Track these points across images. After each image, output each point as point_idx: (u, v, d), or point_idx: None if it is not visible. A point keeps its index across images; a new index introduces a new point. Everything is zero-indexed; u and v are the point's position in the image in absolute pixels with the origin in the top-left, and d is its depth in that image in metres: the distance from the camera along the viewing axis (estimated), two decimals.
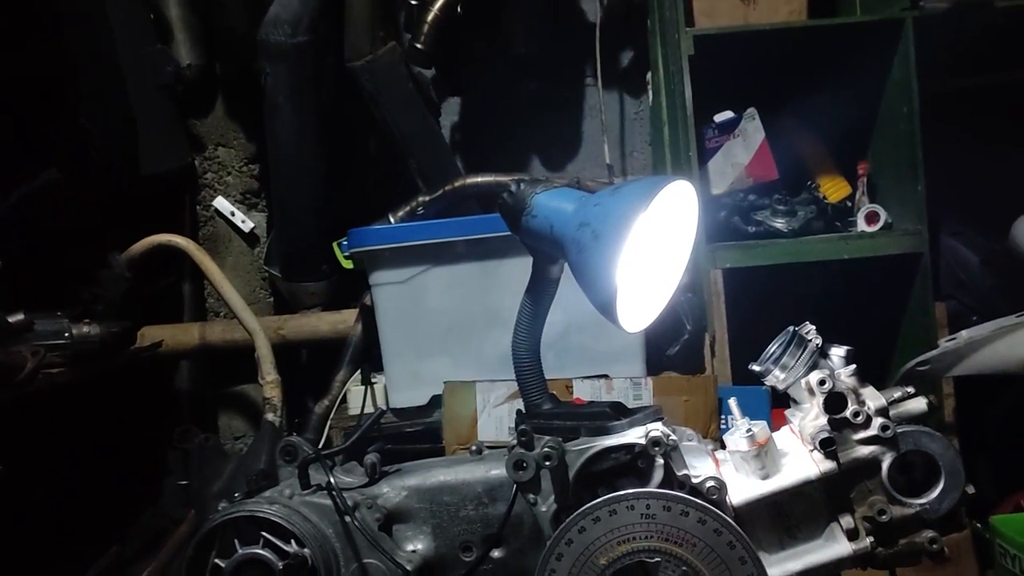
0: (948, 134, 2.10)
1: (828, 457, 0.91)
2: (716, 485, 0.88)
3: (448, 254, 1.74)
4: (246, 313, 1.87)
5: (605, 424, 0.95)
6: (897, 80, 1.96)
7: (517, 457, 0.91)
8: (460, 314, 1.75)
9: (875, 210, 2.03)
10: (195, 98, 2.19)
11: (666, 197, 0.89)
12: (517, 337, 1.02)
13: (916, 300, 2.00)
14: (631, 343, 1.75)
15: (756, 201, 2.08)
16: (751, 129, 2.07)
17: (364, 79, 2.04)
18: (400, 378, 1.77)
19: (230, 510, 1.07)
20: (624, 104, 2.46)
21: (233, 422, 2.20)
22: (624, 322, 0.91)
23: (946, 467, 0.91)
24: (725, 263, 1.94)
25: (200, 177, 2.22)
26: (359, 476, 1.14)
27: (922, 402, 0.95)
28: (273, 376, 1.84)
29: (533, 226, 0.94)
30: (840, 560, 0.91)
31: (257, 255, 2.22)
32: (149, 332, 2.07)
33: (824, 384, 0.93)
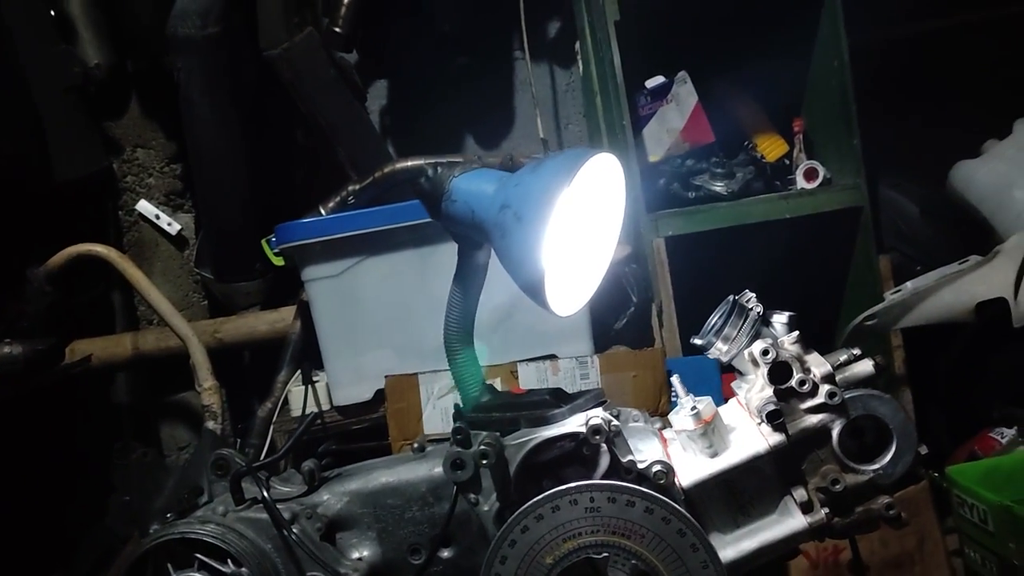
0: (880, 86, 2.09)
1: (776, 430, 0.88)
2: (663, 469, 0.84)
3: (382, 243, 1.68)
4: (177, 319, 1.79)
5: (545, 413, 0.91)
6: (825, 34, 1.94)
7: (454, 456, 0.87)
8: (399, 304, 1.69)
9: (813, 166, 2.01)
10: (107, 98, 2.10)
11: (589, 171, 0.85)
12: (448, 329, 0.97)
13: (860, 254, 1.99)
14: (577, 321, 1.71)
15: (694, 166, 2.05)
16: (684, 93, 2.03)
17: (282, 68, 1.96)
18: (342, 375, 1.71)
19: (160, 533, 1.02)
20: (555, 76, 2.40)
21: (176, 432, 2.13)
22: (555, 305, 0.87)
23: (897, 430, 0.89)
24: (667, 231, 1.91)
25: (120, 181, 2.13)
26: (298, 484, 1.09)
27: (868, 364, 0.92)
28: (211, 382, 1.77)
29: (454, 211, 0.89)
30: (796, 534, 0.88)
31: (187, 257, 2.13)
32: (79, 346, 1.98)
33: (767, 354, 0.89)
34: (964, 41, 2.29)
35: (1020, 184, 2.05)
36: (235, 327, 2.02)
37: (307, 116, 2.03)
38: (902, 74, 2.26)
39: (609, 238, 0.94)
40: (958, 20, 2.27)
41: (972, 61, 2.30)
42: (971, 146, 2.13)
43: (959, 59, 2.29)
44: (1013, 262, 1.80)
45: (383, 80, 2.39)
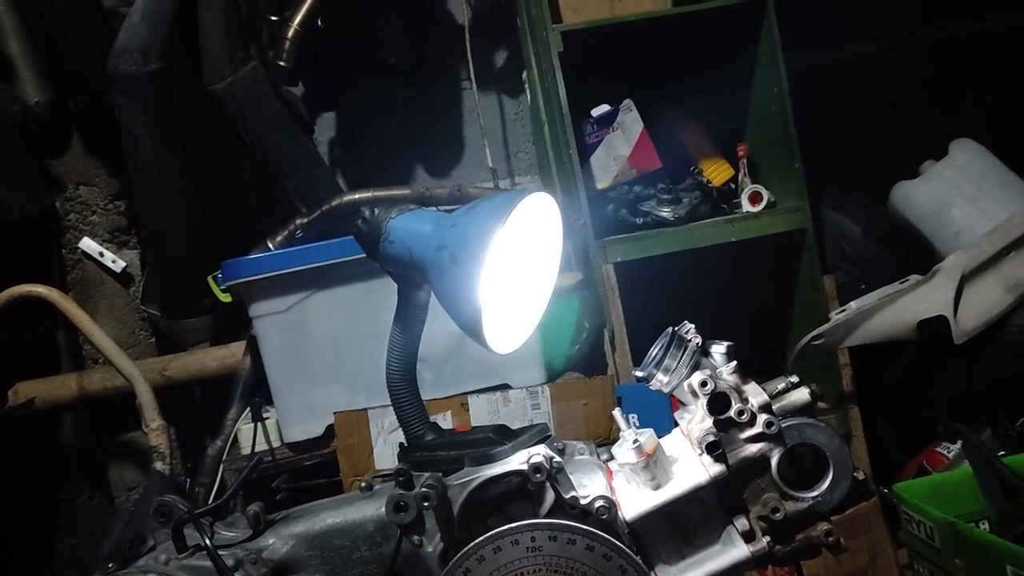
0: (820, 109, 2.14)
1: (717, 460, 0.89)
2: (605, 504, 0.84)
3: (330, 277, 1.67)
4: (122, 359, 1.76)
5: (488, 451, 0.90)
6: (764, 61, 1.98)
7: (396, 499, 0.86)
8: (348, 338, 1.69)
9: (757, 190, 2.05)
10: (49, 136, 2.07)
11: (524, 211, 0.85)
12: (391, 368, 0.97)
13: (805, 275, 2.02)
14: (528, 349, 1.70)
15: (642, 192, 2.08)
16: (629, 121, 2.06)
17: (227, 102, 1.95)
18: (292, 411, 1.69)
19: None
20: (503, 105, 2.42)
21: (125, 472, 2.09)
22: (494, 343, 0.87)
23: (833, 457, 0.90)
24: (616, 257, 1.93)
25: (63, 219, 2.10)
26: (243, 529, 1.07)
27: (804, 392, 0.93)
28: (158, 423, 1.74)
29: (391, 252, 0.89)
30: (739, 563, 0.89)
31: (133, 295, 2.10)
32: (23, 388, 1.94)
33: (706, 385, 0.90)
34: (901, 64, 2.36)
35: (957, 203, 2.11)
36: (184, 364, 1.99)
37: (252, 150, 2.02)
38: (841, 97, 2.32)
39: (547, 276, 0.94)
40: (894, 44, 2.33)
41: (908, 84, 2.37)
42: (910, 166, 2.18)
43: (896, 82, 2.36)
44: (951, 281, 1.85)
45: (330, 112, 2.38)
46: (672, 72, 2.13)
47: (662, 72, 2.12)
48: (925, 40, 2.32)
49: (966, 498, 1.55)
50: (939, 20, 2.25)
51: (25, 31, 1.96)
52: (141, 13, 1.85)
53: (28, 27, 1.96)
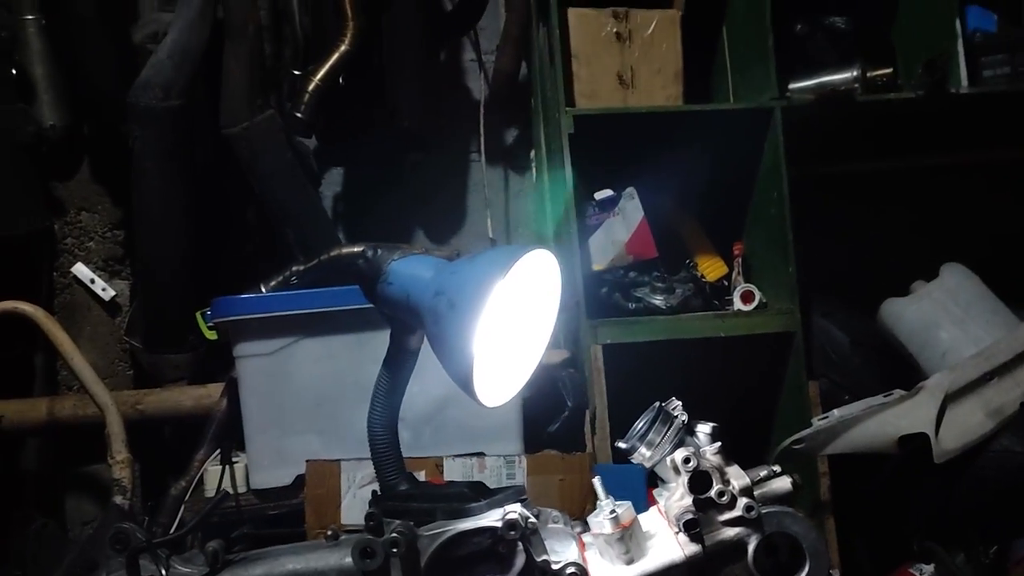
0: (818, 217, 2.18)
1: (693, 539, 0.88)
2: (577, 572, 0.83)
3: (318, 325, 1.67)
4: (98, 387, 1.74)
5: (462, 506, 0.89)
6: (768, 166, 2.03)
7: (363, 544, 0.84)
8: (330, 388, 1.67)
9: (750, 290, 2.07)
10: (59, 159, 2.08)
11: (526, 266, 0.86)
12: (373, 412, 0.96)
13: (791, 378, 2.03)
14: (509, 420, 1.70)
15: (636, 278, 2.10)
16: (630, 208, 2.09)
17: (240, 147, 1.98)
18: (263, 456, 1.67)
19: None
20: (509, 180, 2.46)
21: (82, 505, 2.03)
22: (483, 396, 0.87)
23: (810, 550, 0.89)
24: (606, 339, 1.93)
25: (60, 242, 2.09)
26: (200, 566, 1.04)
27: (786, 481, 0.93)
28: (124, 455, 1.71)
29: (389, 294, 0.90)
30: None
31: (118, 325, 2.09)
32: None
33: (689, 463, 0.90)
34: (901, 184, 2.41)
35: (945, 325, 2.13)
36: (159, 399, 1.96)
37: (259, 195, 2.04)
38: (840, 208, 2.37)
39: (542, 334, 0.95)
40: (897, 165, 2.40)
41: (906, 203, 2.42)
42: (900, 283, 2.21)
43: (894, 200, 2.41)
44: (935, 400, 1.86)
45: (339, 168, 2.42)
46: (677, 166, 2.18)
47: (667, 165, 2.16)
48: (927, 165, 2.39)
49: None
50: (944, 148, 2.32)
51: (51, 55, 1.99)
52: (168, 51, 1.89)
53: (54, 52, 1.99)
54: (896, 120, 2.18)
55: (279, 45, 2.20)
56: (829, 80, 2.03)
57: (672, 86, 2.05)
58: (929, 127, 2.22)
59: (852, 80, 2.01)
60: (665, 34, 2.04)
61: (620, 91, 2.05)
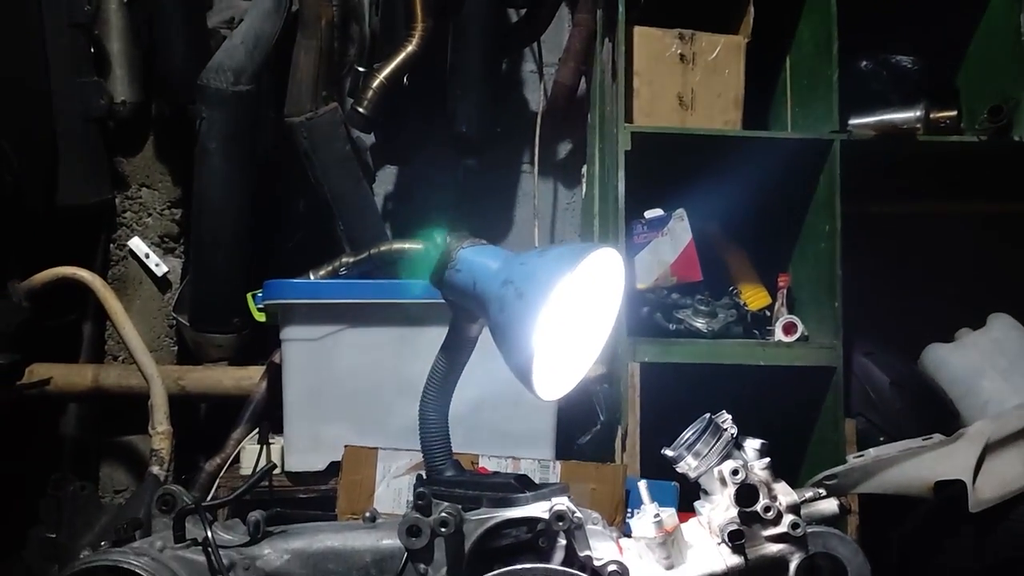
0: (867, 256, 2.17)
1: (736, 552, 0.88)
2: (618, 570, 0.83)
3: (366, 316, 1.68)
4: (145, 357, 1.77)
5: (509, 496, 0.90)
6: (821, 199, 2.02)
7: (411, 522, 0.85)
8: (371, 379, 1.69)
9: (793, 321, 2.06)
10: (126, 135, 2.13)
11: (593, 264, 0.87)
12: (426, 396, 0.97)
13: (827, 414, 2.01)
14: (542, 426, 1.71)
15: (679, 300, 2.10)
16: (679, 229, 2.10)
17: (301, 135, 2.02)
18: (299, 440, 1.68)
19: (91, 558, 0.98)
20: (558, 193, 2.48)
21: (116, 474, 2.06)
22: (539, 388, 0.88)
23: (854, 573, 0.88)
24: (644, 357, 1.93)
25: (119, 216, 2.14)
26: (240, 535, 1.06)
27: (834, 504, 0.93)
28: (165, 427, 1.74)
29: (456, 281, 0.91)
30: None
31: (167, 301, 2.12)
32: (39, 369, 1.94)
33: (737, 474, 0.90)
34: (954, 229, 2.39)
35: (989, 375, 2.11)
36: (200, 377, 1.99)
37: (315, 185, 2.08)
38: (889, 248, 2.35)
39: (600, 333, 0.96)
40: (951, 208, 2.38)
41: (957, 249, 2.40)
42: (945, 330, 2.20)
43: (945, 245, 2.39)
44: (975, 447, 1.83)
45: (393, 167, 2.45)
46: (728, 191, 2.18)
47: (718, 189, 2.17)
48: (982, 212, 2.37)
49: None
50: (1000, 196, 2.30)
51: (129, 33, 2.04)
52: (243, 37, 1.94)
53: (132, 30, 2.05)
54: (955, 164, 2.17)
55: (346, 42, 2.24)
56: (891, 118, 2.03)
57: (732, 111, 2.06)
58: (987, 174, 2.21)
59: (915, 120, 2.00)
60: (729, 59, 2.05)
61: (679, 112, 2.06)
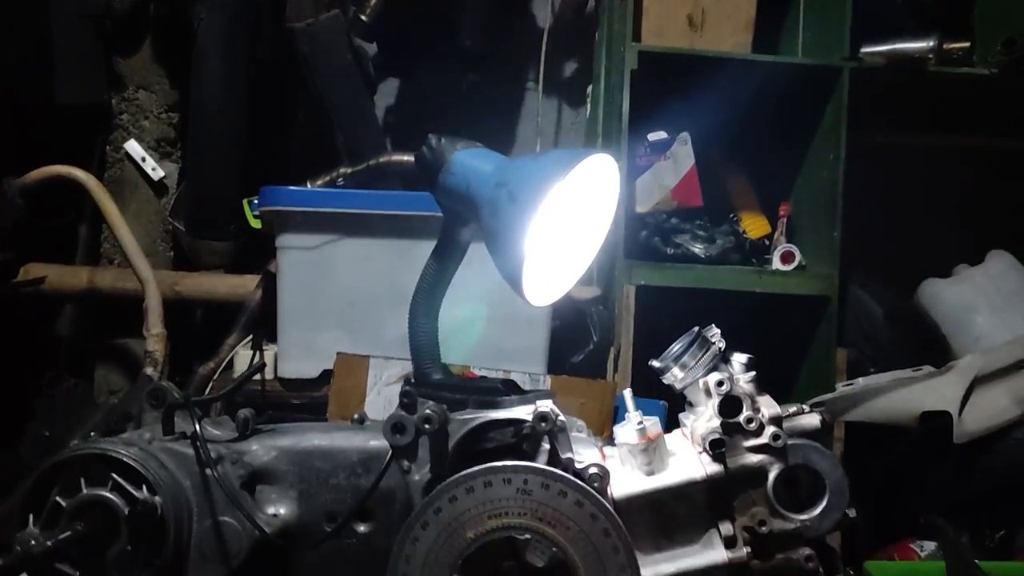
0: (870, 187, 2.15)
1: (716, 460, 0.89)
2: (599, 472, 0.84)
3: (362, 227, 1.68)
4: (140, 259, 1.77)
5: (494, 399, 0.91)
6: (827, 126, 2.00)
7: (396, 419, 0.86)
8: (365, 290, 1.69)
9: (790, 250, 2.06)
10: (123, 35, 2.09)
11: (588, 170, 0.86)
12: (416, 300, 0.97)
13: (819, 343, 2.02)
14: (535, 343, 1.72)
15: (678, 224, 2.09)
16: (682, 153, 2.07)
17: (302, 42, 1.98)
18: (293, 347, 1.69)
19: (80, 447, 0.99)
20: (562, 112, 2.44)
21: (111, 376, 2.08)
22: (529, 293, 0.88)
23: (831, 486, 0.90)
24: (639, 280, 1.93)
25: (115, 117, 2.12)
26: (229, 431, 1.07)
27: (815, 418, 0.93)
28: (159, 330, 1.75)
29: (449, 184, 0.90)
30: (715, 567, 0.88)
31: (164, 206, 2.11)
32: (34, 269, 1.95)
33: (722, 386, 0.90)
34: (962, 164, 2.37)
35: (983, 311, 2.11)
36: (195, 283, 2.00)
37: (314, 94, 2.05)
38: (892, 180, 2.33)
39: (594, 241, 0.95)
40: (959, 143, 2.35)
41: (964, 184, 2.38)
42: (943, 265, 2.19)
43: (952, 179, 2.37)
44: (963, 380, 1.85)
45: (395, 79, 2.41)
46: (733, 117, 2.15)
47: (723, 114, 2.14)
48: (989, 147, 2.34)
49: None
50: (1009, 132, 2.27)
51: None
52: None
53: None
54: (964, 97, 2.13)
55: None
56: (903, 48, 1.98)
57: (742, 33, 2.01)
58: (997, 108, 2.17)
59: (927, 50, 1.96)
60: None
61: (688, 33, 2.01)
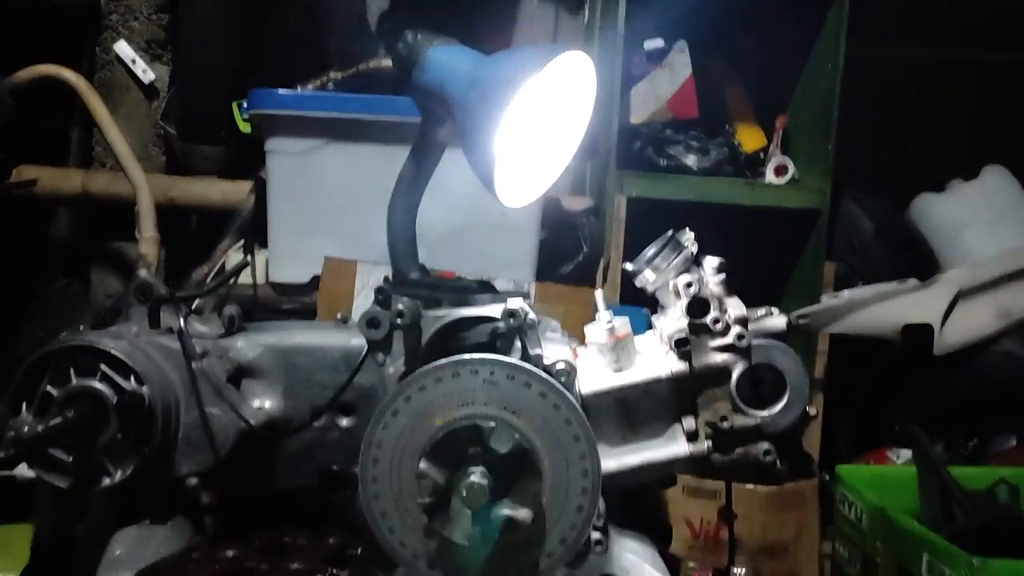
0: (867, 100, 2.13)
1: (682, 358, 0.91)
2: (566, 368, 0.87)
3: (351, 132, 1.67)
4: (132, 163, 1.78)
5: (468, 297, 0.93)
6: (828, 35, 1.97)
7: (371, 314, 0.88)
8: (356, 196, 1.69)
9: (784, 163, 2.05)
10: None
11: (563, 67, 0.86)
12: (394, 200, 0.99)
13: (808, 256, 2.04)
14: (523, 251, 1.74)
15: (672, 136, 2.08)
16: (679, 63, 2.05)
17: None
18: (283, 253, 1.71)
19: (68, 338, 1.02)
20: (559, 19, 2.39)
21: (107, 279, 2.10)
22: (502, 194, 0.89)
23: (792, 383, 0.92)
24: (631, 191, 1.94)
25: (104, 18, 2.08)
26: (215, 328, 1.10)
27: (782, 320, 0.95)
28: (152, 233, 1.77)
29: (423, 81, 0.90)
30: (676, 459, 0.91)
31: (155, 110, 2.10)
32: (27, 171, 1.95)
33: (690, 287, 0.92)
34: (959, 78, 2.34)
35: (974, 227, 2.12)
36: (188, 188, 2.00)
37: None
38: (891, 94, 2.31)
39: (571, 139, 0.95)
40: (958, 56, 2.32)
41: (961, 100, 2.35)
42: (939, 180, 2.19)
43: (950, 94, 2.34)
44: (947, 293, 1.87)
45: None
46: (732, 26, 2.12)
47: (722, 23, 2.11)
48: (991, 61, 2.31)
49: (902, 495, 1.58)
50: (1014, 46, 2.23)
51: None
52: None
53: None
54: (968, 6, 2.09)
55: None
56: None
57: None
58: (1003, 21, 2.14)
59: None
60: None
61: None
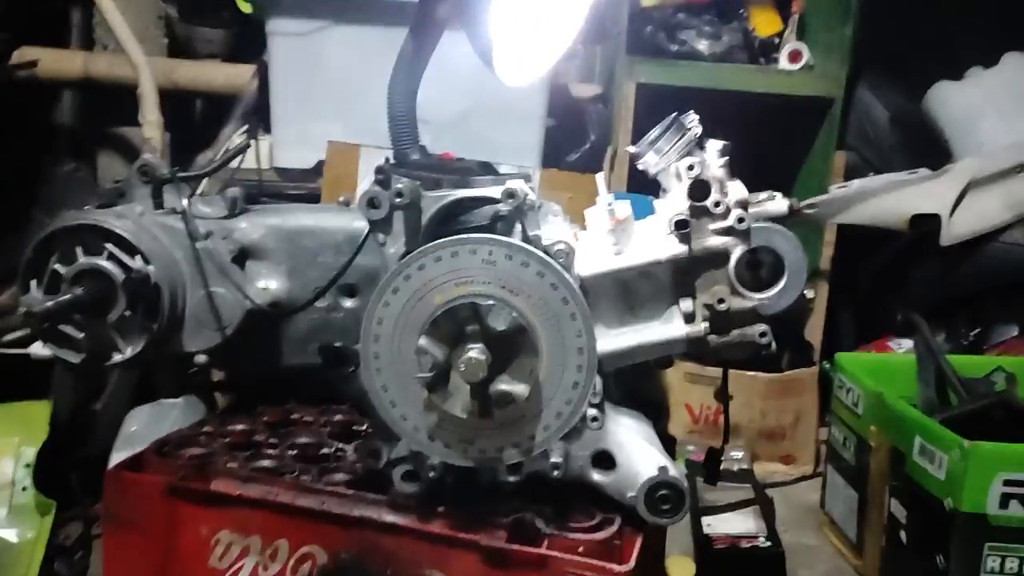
0: None
1: (681, 240, 0.91)
2: (564, 249, 0.87)
3: (355, 13, 1.64)
4: (133, 44, 1.74)
5: (468, 179, 0.93)
6: None
7: (371, 194, 0.88)
8: (360, 79, 1.65)
9: (798, 49, 2.00)
10: None
11: None
12: (394, 79, 0.97)
13: (820, 145, 2.01)
14: (529, 137, 1.72)
15: (684, 20, 2.03)
16: None
17: None
18: (288, 137, 1.71)
19: (75, 217, 1.03)
20: None
21: (114, 164, 2.10)
22: (502, 71, 0.87)
23: (790, 266, 0.92)
24: (640, 77, 1.90)
25: None
26: (220, 209, 1.10)
27: (783, 203, 0.95)
28: (155, 116, 1.75)
29: None
30: (673, 340, 0.93)
31: None
32: (28, 52, 1.92)
33: (692, 170, 0.91)
34: None
35: (990, 116, 2.07)
36: (192, 72, 1.97)
37: None
38: None
39: (573, 19, 0.93)
40: None
41: None
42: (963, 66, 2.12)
43: None
44: (958, 183, 1.85)
45: None
46: None
47: None
48: None
49: (900, 383, 1.61)
50: None
51: None
52: None
53: None
54: None
55: None
56: None
57: None
58: None
59: None
60: None
61: None
